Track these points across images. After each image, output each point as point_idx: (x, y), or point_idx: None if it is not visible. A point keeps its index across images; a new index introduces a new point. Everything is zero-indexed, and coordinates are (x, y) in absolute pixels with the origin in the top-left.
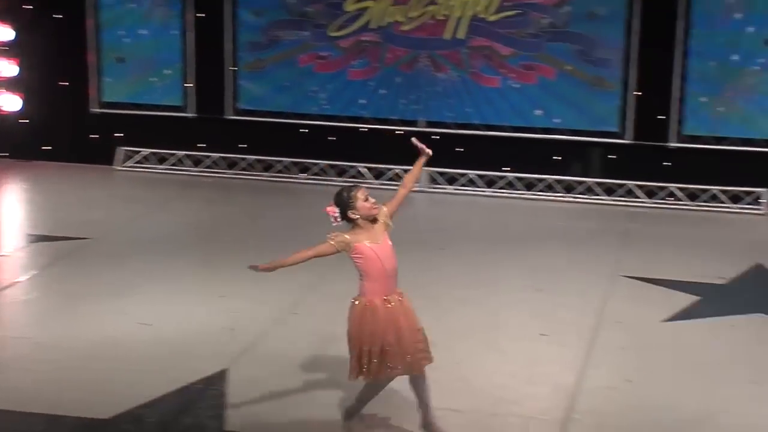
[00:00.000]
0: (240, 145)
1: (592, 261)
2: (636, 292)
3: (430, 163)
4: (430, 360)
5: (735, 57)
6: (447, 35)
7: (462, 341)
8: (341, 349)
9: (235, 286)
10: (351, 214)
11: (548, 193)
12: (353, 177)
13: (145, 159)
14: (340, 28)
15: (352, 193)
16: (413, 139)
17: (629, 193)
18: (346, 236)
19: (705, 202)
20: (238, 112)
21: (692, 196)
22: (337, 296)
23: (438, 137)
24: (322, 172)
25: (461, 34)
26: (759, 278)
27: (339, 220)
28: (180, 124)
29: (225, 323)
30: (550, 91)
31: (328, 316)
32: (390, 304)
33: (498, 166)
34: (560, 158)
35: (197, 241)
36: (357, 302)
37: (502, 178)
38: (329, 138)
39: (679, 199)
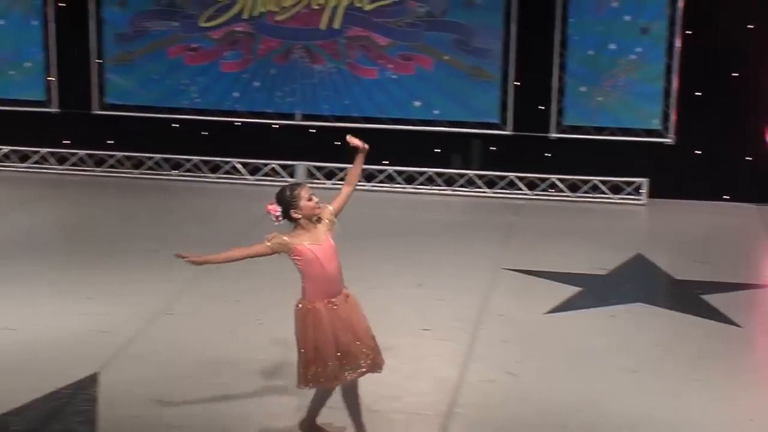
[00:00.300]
0: (108, 142)
1: (474, 255)
2: (518, 285)
3: (306, 157)
4: (379, 366)
5: (612, 46)
6: (322, 25)
7: None
8: (218, 349)
9: (105, 288)
10: (293, 214)
11: (429, 187)
12: (228, 173)
13: (6, 157)
14: (211, 18)
15: (296, 191)
16: (348, 137)
17: (511, 185)
18: (285, 238)
19: (586, 193)
20: (105, 107)
21: (573, 187)
22: (213, 296)
23: (315, 131)
24: (196, 168)
25: (337, 24)
26: (639, 268)
27: (280, 219)
28: (43, 120)
29: (94, 326)
30: (428, 81)
31: (205, 317)
32: (335, 306)
33: (377, 159)
34: (440, 151)
35: (63, 242)
36: (300, 305)
37: (381, 171)
38: (202, 133)
39: (561, 191)
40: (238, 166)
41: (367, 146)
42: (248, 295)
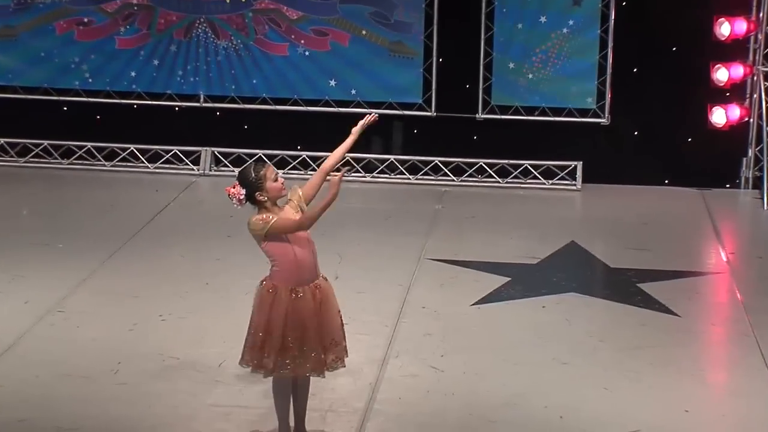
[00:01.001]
0: None
1: (395, 245)
2: (443, 275)
3: (211, 142)
4: (342, 363)
5: (543, 19)
6: None
7: None
8: (116, 348)
9: None
10: (259, 197)
11: (346, 174)
12: (125, 161)
13: None
14: None
15: (261, 172)
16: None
17: (435, 170)
18: (265, 217)
19: (516, 177)
20: None
21: (503, 171)
22: (109, 292)
23: (220, 114)
24: (89, 155)
25: None
26: (572, 256)
27: (243, 202)
28: None
29: None
30: (345, 58)
31: (101, 314)
32: (298, 295)
33: (289, 144)
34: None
35: None
36: (263, 283)
37: (294, 157)
38: (96, 116)
39: (489, 176)
40: (137, 152)
41: (373, 117)
42: (147, 290)
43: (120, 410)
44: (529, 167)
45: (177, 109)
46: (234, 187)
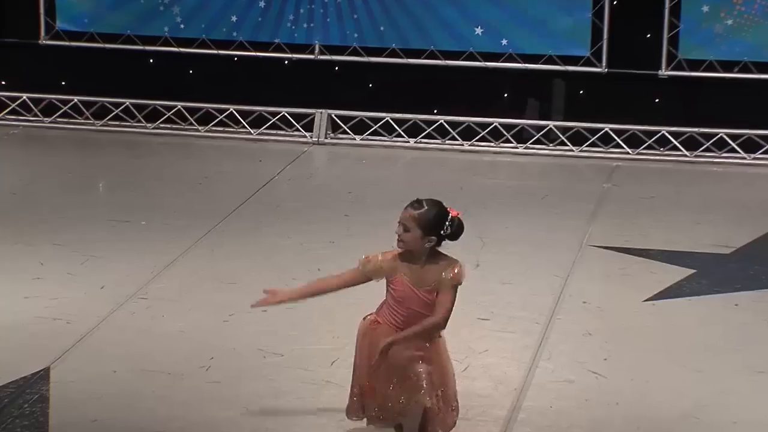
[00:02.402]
0: (61, 83)
1: (552, 228)
2: (610, 266)
3: (327, 103)
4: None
5: None
6: None
7: None
8: (207, 341)
9: (58, 266)
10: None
11: (493, 143)
12: (222, 125)
13: None
14: None
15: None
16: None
17: (606, 140)
18: (380, 258)
19: (707, 150)
20: (55, 36)
21: (690, 142)
22: (200, 277)
23: (338, 68)
24: (179, 117)
25: None
26: None
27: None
28: None
29: (44, 312)
30: (494, 1)
31: (189, 302)
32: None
33: (425, 107)
34: (509, 95)
35: (3, 210)
36: (365, 318)
37: (431, 123)
38: (188, 71)
39: (674, 148)
40: (237, 115)
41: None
42: (247, 276)
43: (212, 412)
44: (725, 137)
45: (286, 62)
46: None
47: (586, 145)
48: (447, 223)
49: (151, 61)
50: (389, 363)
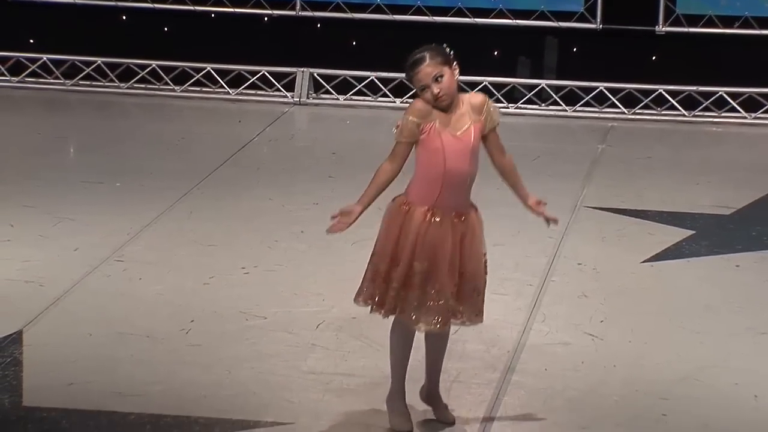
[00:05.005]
0: (29, 41)
1: (546, 190)
2: (606, 227)
3: (311, 62)
4: (481, 318)
5: None
6: None
7: None
8: (186, 304)
9: (28, 228)
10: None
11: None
12: (199, 85)
13: None
14: None
15: (411, 73)
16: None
17: (600, 99)
18: (411, 117)
19: (706, 110)
20: None
21: (688, 101)
22: (179, 240)
23: (320, 25)
24: (153, 77)
25: None
26: None
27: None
28: None
29: (16, 275)
30: None
31: (167, 264)
32: (435, 218)
33: None
34: (499, 53)
35: None
36: (394, 200)
37: None
38: (163, 28)
39: (671, 107)
40: (214, 74)
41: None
42: (227, 238)
43: (193, 375)
44: (725, 96)
45: (266, 19)
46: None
47: (579, 104)
48: (448, 49)
49: (124, 17)
50: (469, 259)
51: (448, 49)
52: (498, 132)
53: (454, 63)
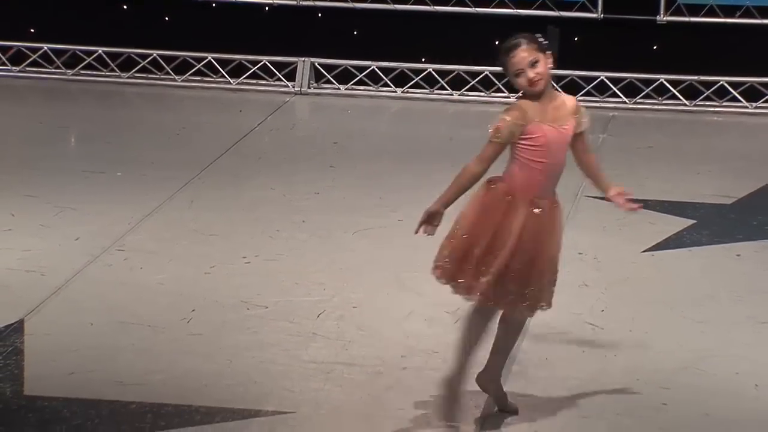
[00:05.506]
0: (30, 29)
1: None
2: (606, 216)
3: (312, 52)
4: (548, 303)
5: None
6: None
7: (363, 281)
8: (188, 293)
9: (30, 217)
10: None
11: (483, 93)
12: (200, 74)
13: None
14: None
15: (506, 57)
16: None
17: (601, 89)
18: (508, 118)
19: (707, 99)
20: None
21: (690, 91)
22: (179, 228)
23: (322, 14)
24: (155, 66)
25: None
26: None
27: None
28: None
29: (17, 264)
30: None
31: (169, 253)
32: (536, 209)
33: (410, 55)
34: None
35: None
36: (492, 186)
37: (418, 72)
38: (164, 17)
39: (672, 97)
40: (215, 63)
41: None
42: (229, 227)
43: (194, 364)
44: (726, 85)
45: (267, 8)
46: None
47: (581, 94)
48: (540, 36)
49: (125, 7)
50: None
51: (541, 38)
52: (586, 133)
53: (548, 51)
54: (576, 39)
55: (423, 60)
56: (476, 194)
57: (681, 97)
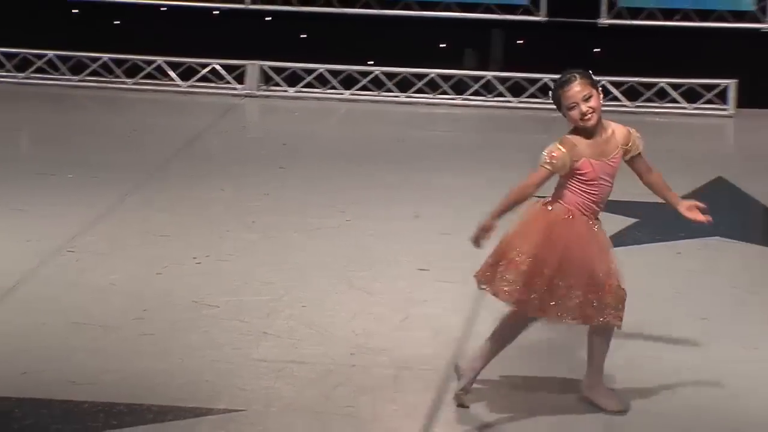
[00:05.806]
0: None
1: (490, 180)
2: None
3: (261, 55)
4: (619, 319)
5: None
6: None
7: (312, 281)
8: (140, 294)
9: None
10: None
11: (430, 95)
12: (150, 77)
13: None
14: None
15: (560, 91)
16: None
17: (543, 90)
18: (563, 149)
19: (650, 100)
20: None
21: (632, 93)
22: (131, 231)
23: (270, 18)
24: (105, 70)
25: None
26: (719, 194)
27: None
28: None
29: None
30: None
31: (120, 255)
32: (596, 227)
33: (361, 58)
34: (446, 45)
35: None
36: (549, 208)
37: (366, 74)
38: (114, 21)
39: (615, 98)
40: (165, 67)
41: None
42: (180, 228)
43: (146, 364)
44: (666, 87)
45: (216, 12)
46: None
47: (525, 95)
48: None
49: (76, 10)
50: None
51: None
52: (643, 155)
53: (600, 88)
54: (520, 41)
55: (370, 63)
56: (533, 216)
57: (622, 98)
